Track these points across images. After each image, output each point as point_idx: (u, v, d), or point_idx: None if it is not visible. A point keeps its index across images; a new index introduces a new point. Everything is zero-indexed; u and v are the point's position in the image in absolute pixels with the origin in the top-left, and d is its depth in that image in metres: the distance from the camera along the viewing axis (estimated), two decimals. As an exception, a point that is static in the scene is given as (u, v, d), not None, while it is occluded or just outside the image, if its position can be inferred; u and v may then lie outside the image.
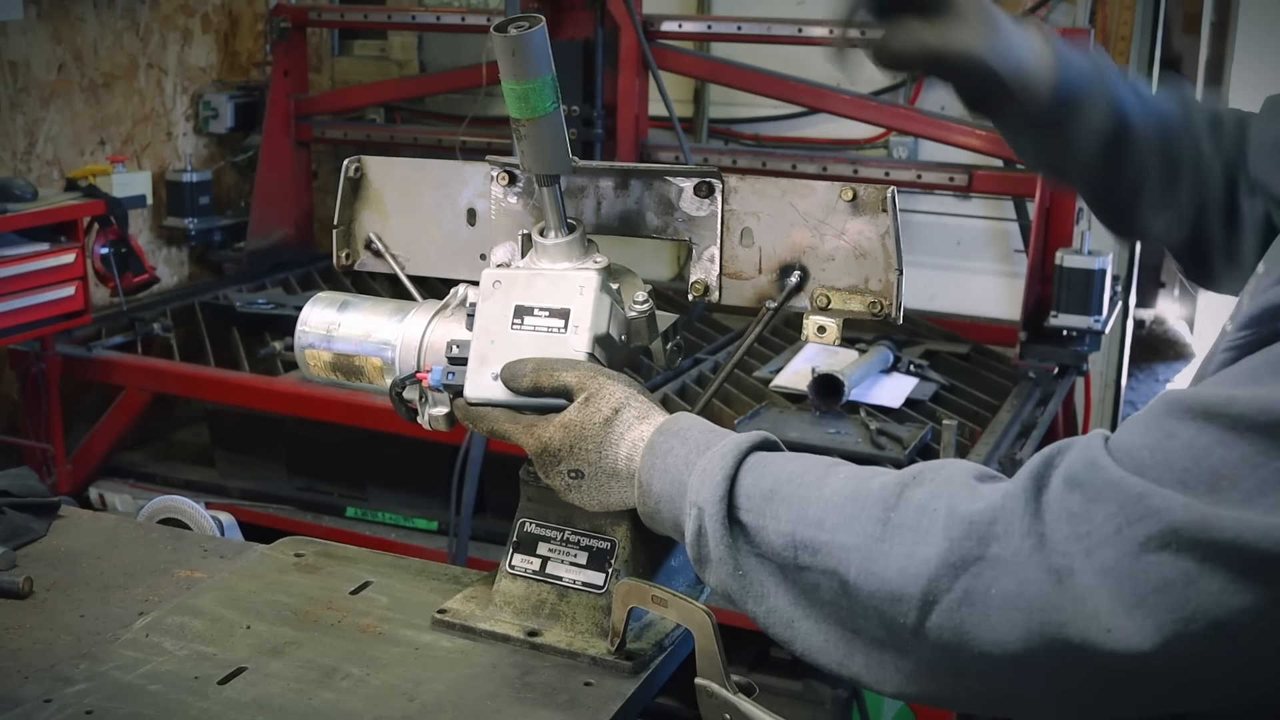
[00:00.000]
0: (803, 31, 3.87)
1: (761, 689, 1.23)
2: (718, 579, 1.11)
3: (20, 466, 1.83)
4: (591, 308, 1.29)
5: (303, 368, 1.46)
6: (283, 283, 4.37)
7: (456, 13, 4.42)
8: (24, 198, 3.36)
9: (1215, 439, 0.88)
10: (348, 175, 1.48)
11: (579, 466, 1.22)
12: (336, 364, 1.43)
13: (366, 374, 1.42)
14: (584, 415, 1.21)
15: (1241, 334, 0.95)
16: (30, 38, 3.89)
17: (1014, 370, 3.62)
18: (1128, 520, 0.89)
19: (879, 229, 1.31)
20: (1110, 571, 0.89)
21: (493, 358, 1.29)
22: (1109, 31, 4.18)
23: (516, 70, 1.21)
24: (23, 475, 1.74)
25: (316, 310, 1.45)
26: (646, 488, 1.18)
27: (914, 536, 0.97)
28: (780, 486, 1.08)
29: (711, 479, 1.11)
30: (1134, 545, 0.88)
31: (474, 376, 1.30)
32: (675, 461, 1.16)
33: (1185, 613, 0.86)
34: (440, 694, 1.26)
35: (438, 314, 1.39)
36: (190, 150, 4.51)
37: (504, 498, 2.30)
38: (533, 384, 1.26)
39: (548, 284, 1.31)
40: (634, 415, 1.21)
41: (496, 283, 1.32)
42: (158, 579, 1.53)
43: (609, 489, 1.22)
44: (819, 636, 1.06)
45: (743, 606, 1.11)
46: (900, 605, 0.97)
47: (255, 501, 3.51)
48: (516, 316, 1.30)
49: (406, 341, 1.38)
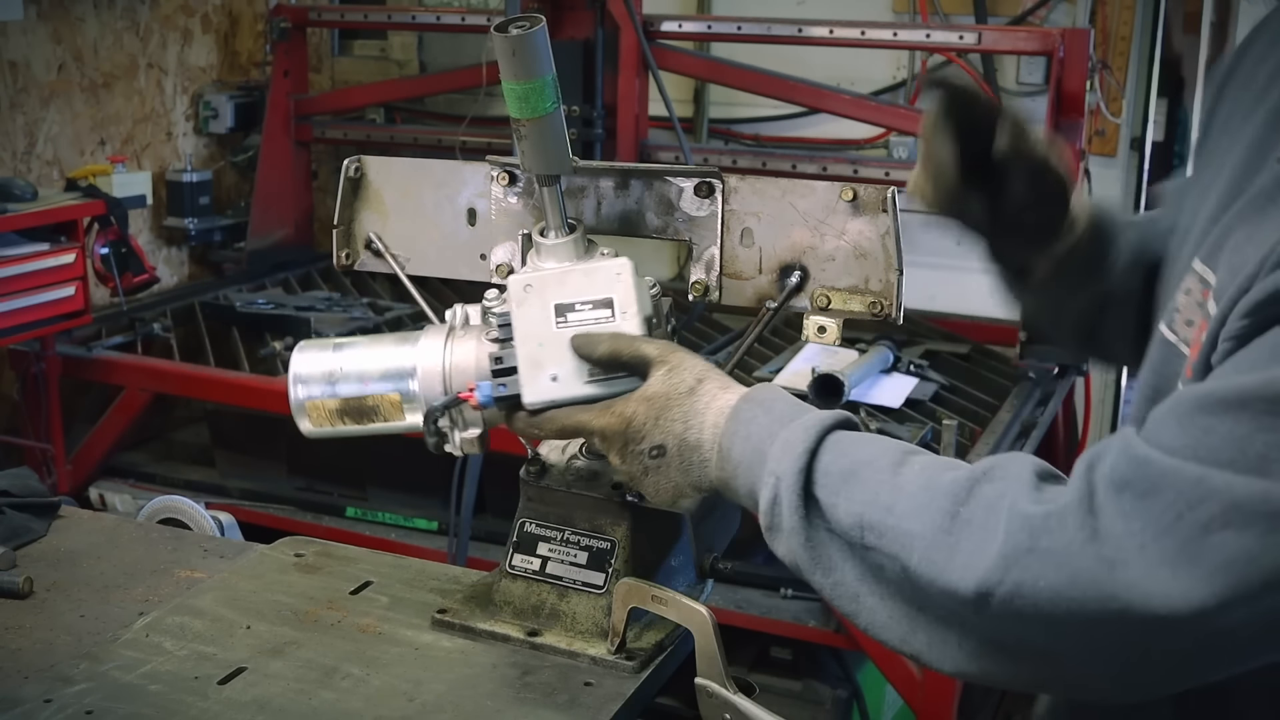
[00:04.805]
0: (803, 31, 3.87)
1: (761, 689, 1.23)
2: (787, 548, 1.12)
3: (20, 466, 1.83)
4: (634, 291, 1.27)
5: (304, 423, 1.33)
6: (283, 283, 4.36)
7: (456, 13, 4.42)
8: (24, 198, 3.36)
9: (1254, 425, 0.91)
10: (348, 175, 1.48)
11: (663, 440, 1.19)
12: (345, 409, 1.32)
13: (382, 412, 1.31)
14: (668, 386, 1.20)
15: (1242, 322, 0.97)
16: (30, 38, 3.89)
17: (1014, 370, 3.62)
18: (1188, 505, 0.91)
19: (879, 229, 1.31)
20: (1172, 557, 0.91)
21: (545, 360, 1.25)
22: (1109, 31, 4.18)
23: (517, 70, 1.21)
24: (23, 475, 1.74)
25: (308, 358, 1.33)
26: (726, 453, 1.17)
27: (979, 532, 1.00)
28: (857, 468, 1.09)
29: (792, 451, 1.11)
30: (1197, 529, 0.91)
31: (530, 382, 1.25)
32: (758, 430, 1.16)
33: (1251, 586, 0.90)
34: (440, 694, 1.26)
35: (449, 336, 1.32)
36: (190, 150, 4.51)
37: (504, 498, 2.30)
38: (610, 351, 1.23)
39: (582, 278, 1.28)
40: (716, 385, 1.21)
41: (528, 286, 1.27)
42: (158, 579, 1.53)
43: (689, 464, 1.19)
44: (883, 613, 1.08)
45: (810, 577, 1.12)
46: (958, 595, 0.99)
47: (255, 501, 3.51)
48: (559, 315, 1.26)
49: (426, 369, 1.30)
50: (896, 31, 3.90)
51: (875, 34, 3.85)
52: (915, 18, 4.28)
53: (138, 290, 3.97)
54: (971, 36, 3.70)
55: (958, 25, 4.08)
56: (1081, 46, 3.56)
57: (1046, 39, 3.65)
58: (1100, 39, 4.12)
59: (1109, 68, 4.15)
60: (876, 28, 3.93)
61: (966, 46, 3.80)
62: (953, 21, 4.24)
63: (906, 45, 4.06)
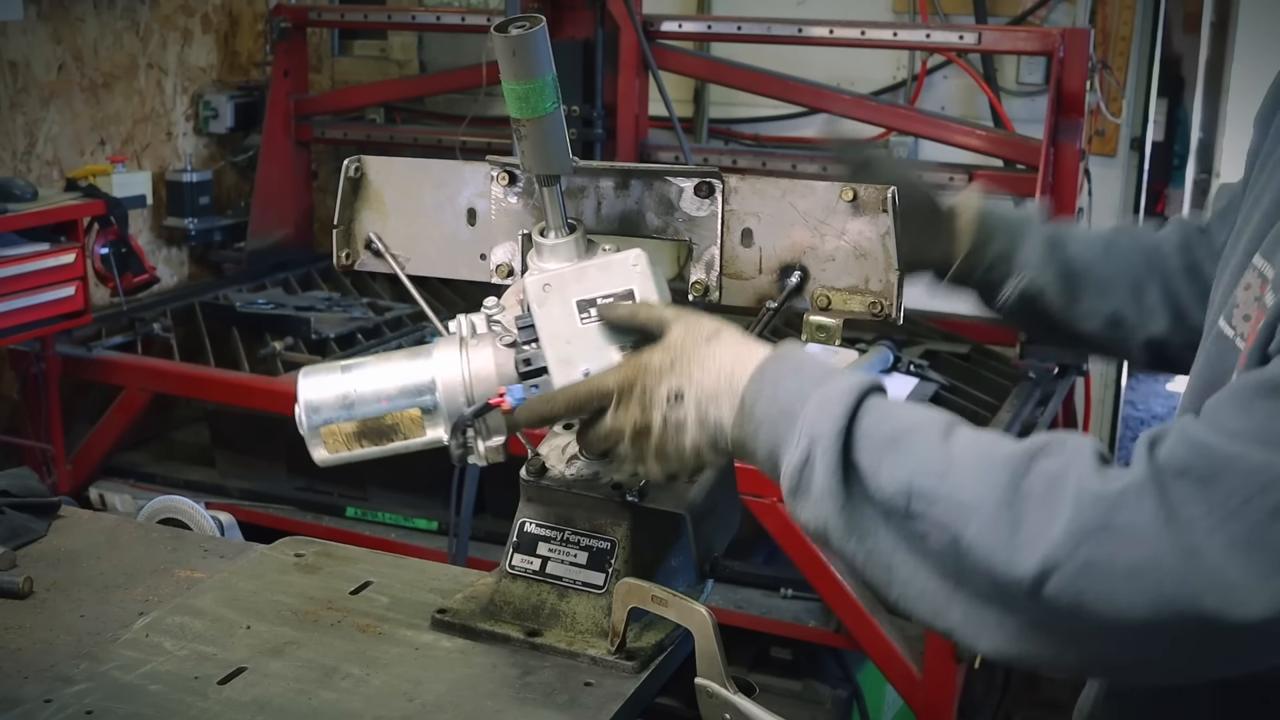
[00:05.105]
0: (803, 31, 3.87)
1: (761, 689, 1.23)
2: (815, 513, 1.09)
3: (20, 466, 1.83)
4: (653, 279, 1.27)
5: (319, 450, 1.27)
6: (283, 283, 4.36)
7: (456, 13, 4.42)
8: (24, 198, 3.36)
9: None
10: (348, 175, 1.48)
11: (680, 385, 1.17)
12: (363, 431, 1.26)
13: (402, 430, 1.27)
14: (685, 335, 1.19)
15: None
16: (30, 38, 3.89)
17: (1014, 370, 3.62)
18: (1255, 490, 0.91)
19: (879, 229, 1.31)
20: (1241, 543, 0.90)
21: (575, 356, 1.24)
22: (1109, 31, 4.18)
23: (517, 70, 1.21)
24: (23, 475, 1.74)
25: (317, 383, 1.28)
26: (749, 410, 1.14)
27: (1042, 506, 0.97)
28: (903, 435, 1.07)
29: (829, 414, 1.08)
30: (1265, 514, 0.90)
31: (564, 380, 1.24)
32: (787, 390, 1.13)
33: None
34: (440, 694, 1.26)
35: (463, 346, 1.29)
36: (190, 150, 4.51)
37: (504, 498, 2.30)
38: (630, 313, 1.24)
39: (598, 272, 1.28)
40: (735, 337, 1.20)
41: (546, 286, 1.27)
42: (158, 579, 1.53)
43: (706, 417, 1.16)
44: (917, 585, 1.05)
45: (841, 544, 1.09)
46: (1017, 570, 0.97)
47: (255, 501, 3.51)
48: (582, 311, 1.26)
49: (447, 381, 1.26)
50: (896, 31, 3.90)
51: (875, 34, 3.85)
52: (915, 18, 4.28)
53: (138, 290, 3.97)
54: (971, 36, 3.70)
55: (958, 25, 4.08)
56: (1081, 46, 3.56)
57: (1046, 39, 3.65)
58: (1100, 39, 4.12)
59: (1109, 68, 4.15)
60: (876, 28, 3.93)
61: (966, 46, 3.80)
62: (953, 21, 4.24)
63: (906, 45, 4.06)
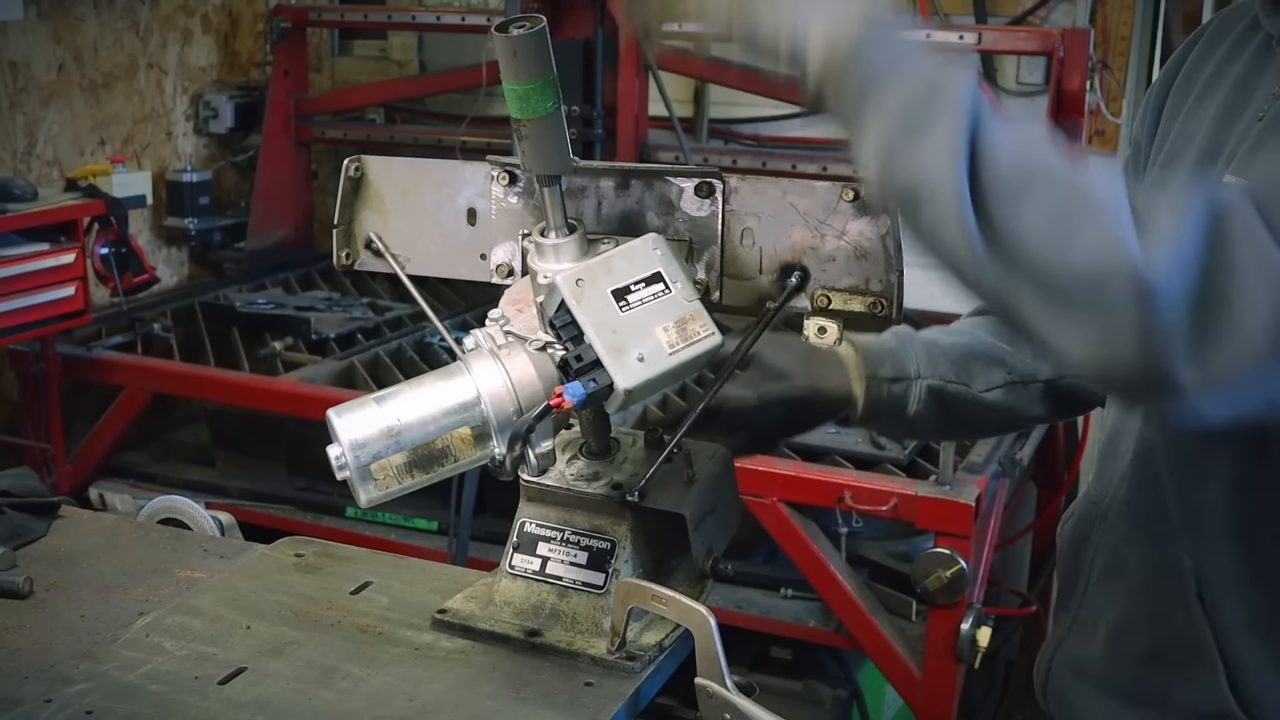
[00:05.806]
0: (803, 31, 3.86)
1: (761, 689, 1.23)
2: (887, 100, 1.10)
3: (20, 466, 1.83)
4: (675, 259, 1.27)
5: (366, 491, 1.21)
6: (283, 283, 4.36)
7: (456, 13, 4.42)
8: (24, 198, 3.36)
9: None
10: (348, 175, 1.48)
11: None
12: (414, 461, 1.22)
13: (453, 452, 1.23)
14: None
15: None
16: (30, 38, 3.89)
17: (1014, 370, 3.61)
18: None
19: (879, 229, 1.31)
20: None
21: (626, 344, 1.23)
22: (1109, 31, 4.18)
23: (517, 70, 1.21)
24: (23, 475, 1.74)
25: (354, 420, 1.22)
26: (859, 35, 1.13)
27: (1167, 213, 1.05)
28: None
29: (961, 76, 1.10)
30: None
31: (620, 369, 1.22)
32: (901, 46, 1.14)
33: None
34: (440, 694, 1.26)
35: (496, 356, 1.26)
36: (190, 150, 4.51)
37: (504, 498, 2.30)
38: None
39: (622, 260, 1.27)
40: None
41: (579, 280, 1.25)
42: (158, 579, 1.53)
43: None
44: (1033, 218, 1.07)
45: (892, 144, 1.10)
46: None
47: (255, 501, 3.51)
48: (619, 299, 1.25)
49: (493, 392, 1.24)
50: (896, 31, 3.89)
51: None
52: (915, 18, 4.28)
53: (138, 290, 3.96)
54: (971, 36, 3.70)
55: (958, 25, 4.08)
56: (1081, 46, 3.56)
57: (1046, 39, 3.65)
58: (1100, 39, 4.12)
59: (1109, 68, 4.15)
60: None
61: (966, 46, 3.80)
62: (953, 21, 4.24)
63: (906, 45, 4.05)
